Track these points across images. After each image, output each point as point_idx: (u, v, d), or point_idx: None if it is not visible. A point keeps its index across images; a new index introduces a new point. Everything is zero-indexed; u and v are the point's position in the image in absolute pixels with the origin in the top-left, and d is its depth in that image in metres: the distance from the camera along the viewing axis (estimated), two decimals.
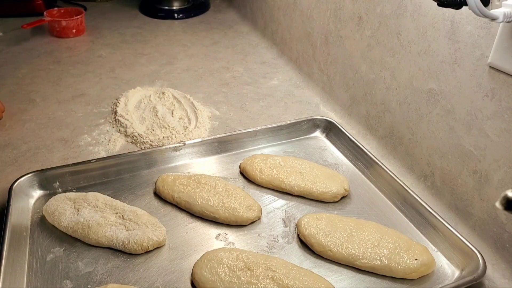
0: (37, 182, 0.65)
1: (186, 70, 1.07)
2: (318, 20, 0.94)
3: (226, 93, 0.97)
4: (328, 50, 0.92)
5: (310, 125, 0.82)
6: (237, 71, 1.07)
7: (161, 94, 0.91)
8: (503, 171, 0.56)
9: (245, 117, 0.88)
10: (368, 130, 0.82)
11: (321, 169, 0.70)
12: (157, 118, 0.84)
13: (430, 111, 0.67)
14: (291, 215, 0.64)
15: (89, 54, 1.14)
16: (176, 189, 0.64)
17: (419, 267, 0.54)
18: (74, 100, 0.92)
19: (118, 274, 0.54)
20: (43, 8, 1.31)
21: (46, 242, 0.58)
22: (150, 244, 0.56)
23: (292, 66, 1.08)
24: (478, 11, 0.45)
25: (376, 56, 0.77)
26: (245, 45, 1.22)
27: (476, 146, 0.60)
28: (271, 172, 0.69)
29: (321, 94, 0.95)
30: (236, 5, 1.47)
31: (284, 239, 0.60)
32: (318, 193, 0.66)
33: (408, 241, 0.57)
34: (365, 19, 0.79)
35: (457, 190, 0.64)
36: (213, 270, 0.52)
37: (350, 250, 0.56)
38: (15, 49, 1.14)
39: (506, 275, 0.56)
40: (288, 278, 0.51)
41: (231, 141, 0.77)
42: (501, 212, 0.57)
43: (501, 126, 0.56)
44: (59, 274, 0.54)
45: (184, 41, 1.23)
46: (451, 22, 0.61)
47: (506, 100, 0.55)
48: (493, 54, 0.55)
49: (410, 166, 0.72)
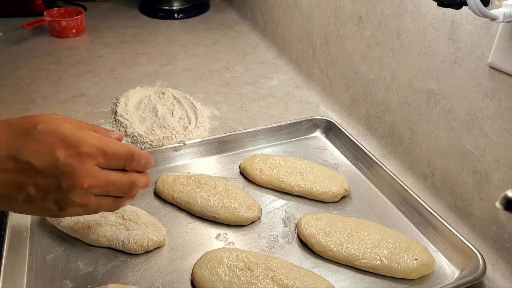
0: None
1: (186, 70, 1.07)
2: (318, 20, 0.94)
3: (226, 93, 0.97)
4: (328, 50, 0.92)
5: (310, 125, 0.82)
6: (237, 71, 1.07)
7: (161, 94, 0.91)
8: (503, 171, 0.56)
9: (245, 117, 0.88)
10: (368, 130, 0.82)
11: (321, 169, 0.70)
12: (157, 118, 0.84)
13: (430, 111, 0.67)
14: (291, 215, 0.64)
15: (89, 54, 1.14)
16: (176, 189, 0.64)
17: (419, 267, 0.54)
18: (74, 100, 0.92)
19: (118, 274, 0.54)
20: (43, 8, 1.31)
21: (46, 242, 0.58)
22: (150, 244, 0.56)
23: (292, 66, 1.08)
24: (478, 11, 0.45)
25: (376, 56, 0.77)
26: (245, 45, 1.22)
27: (476, 146, 0.60)
28: (271, 172, 0.69)
29: (321, 94, 0.95)
30: (236, 5, 1.47)
31: (284, 239, 0.60)
32: (318, 193, 0.66)
33: (408, 241, 0.57)
34: (365, 19, 0.79)
35: (457, 190, 0.64)
36: (213, 270, 0.52)
37: (350, 250, 0.56)
38: (15, 49, 1.14)
39: (506, 275, 0.56)
40: (288, 278, 0.51)
41: (231, 141, 0.77)
42: (501, 212, 0.57)
43: (501, 126, 0.56)
44: (59, 274, 0.54)
45: (184, 41, 1.23)
46: (451, 22, 0.61)
47: (506, 100, 0.55)
48: (493, 54, 0.55)
49: (410, 166, 0.72)
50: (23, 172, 0.42)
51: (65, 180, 0.43)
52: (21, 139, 0.43)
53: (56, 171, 0.43)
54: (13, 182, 0.42)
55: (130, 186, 0.48)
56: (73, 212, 0.47)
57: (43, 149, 0.43)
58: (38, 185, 0.43)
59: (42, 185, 0.43)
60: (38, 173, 0.43)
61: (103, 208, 0.49)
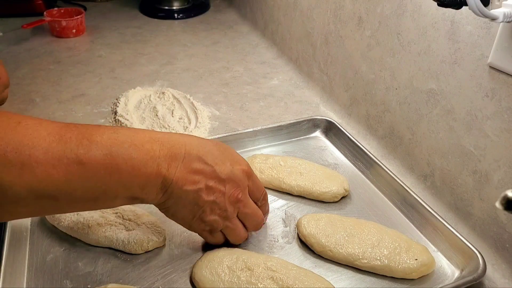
0: None
1: (186, 70, 1.07)
2: (318, 20, 0.94)
3: (226, 93, 0.97)
4: (328, 50, 0.92)
5: (310, 125, 0.82)
6: (237, 71, 1.07)
7: (161, 94, 0.91)
8: (503, 171, 0.56)
9: (245, 117, 0.88)
10: (368, 130, 0.82)
11: (321, 169, 0.70)
12: (157, 118, 0.84)
13: (430, 111, 0.67)
14: (291, 215, 0.64)
15: (89, 54, 1.14)
16: None
17: (419, 267, 0.54)
18: (74, 100, 0.92)
19: (118, 274, 0.54)
20: (43, 8, 1.31)
21: (46, 242, 0.58)
22: (150, 244, 0.56)
23: (292, 66, 1.08)
24: (478, 11, 0.45)
25: (376, 56, 0.77)
26: (245, 45, 1.22)
27: (476, 146, 0.60)
28: (271, 172, 0.69)
29: (321, 94, 0.95)
30: (236, 5, 1.47)
31: (284, 239, 0.60)
32: (318, 193, 0.66)
33: (408, 241, 0.57)
34: (365, 19, 0.79)
35: (457, 190, 0.64)
36: (213, 270, 0.52)
37: (350, 250, 0.56)
38: (15, 49, 1.14)
39: (506, 275, 0.56)
40: (288, 278, 0.51)
41: (231, 141, 0.77)
42: (501, 212, 0.57)
43: (501, 126, 0.56)
44: (59, 274, 0.54)
45: (184, 41, 1.23)
46: (451, 22, 0.61)
47: (506, 100, 0.55)
48: (493, 54, 0.55)
49: (410, 166, 0.72)
50: (204, 173, 0.49)
51: (233, 191, 0.51)
52: (207, 145, 0.50)
53: (228, 179, 0.50)
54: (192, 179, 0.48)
55: (261, 220, 0.57)
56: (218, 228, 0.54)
57: (223, 157, 0.51)
58: (209, 187, 0.49)
59: (212, 188, 0.50)
60: (215, 177, 0.50)
61: (237, 232, 0.55)
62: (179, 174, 0.47)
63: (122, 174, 0.44)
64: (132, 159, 0.44)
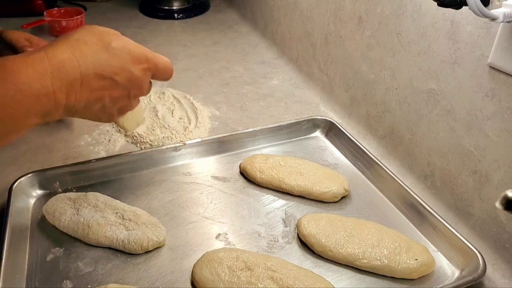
0: (37, 182, 0.65)
1: (186, 70, 1.07)
2: (318, 20, 0.94)
3: (226, 93, 0.97)
4: (328, 50, 0.92)
5: (310, 125, 0.82)
6: (237, 71, 1.07)
7: (161, 94, 0.91)
8: (503, 171, 0.56)
9: (245, 117, 0.88)
10: (368, 130, 0.82)
11: (321, 169, 0.70)
12: (157, 118, 0.84)
13: (430, 111, 0.67)
14: (291, 215, 0.64)
15: None
16: None
17: (419, 267, 0.54)
18: None
19: (118, 274, 0.54)
20: (43, 8, 1.31)
21: (46, 242, 0.58)
22: (150, 244, 0.56)
23: (292, 66, 1.08)
24: (478, 11, 0.45)
25: (376, 56, 0.77)
26: (245, 45, 1.22)
27: (476, 146, 0.60)
28: (271, 172, 0.69)
29: (321, 94, 0.95)
30: (236, 5, 1.47)
31: (284, 239, 0.60)
32: (318, 193, 0.66)
33: (408, 241, 0.57)
34: (365, 19, 0.79)
35: (457, 190, 0.64)
36: (213, 270, 0.52)
37: (350, 250, 0.56)
38: None
39: (506, 275, 0.56)
40: (288, 278, 0.51)
41: (231, 141, 0.77)
42: (501, 212, 0.57)
43: (501, 126, 0.56)
44: (59, 274, 0.54)
45: (184, 41, 1.23)
46: (451, 22, 0.61)
47: (506, 100, 0.55)
48: (493, 54, 0.55)
49: (410, 166, 0.72)
50: (105, 88, 0.49)
51: (135, 90, 0.53)
52: (102, 57, 0.48)
53: (129, 83, 0.51)
54: (94, 97, 0.49)
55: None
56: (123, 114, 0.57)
57: (121, 64, 0.50)
58: (112, 96, 0.51)
59: (116, 96, 0.51)
60: (117, 86, 0.50)
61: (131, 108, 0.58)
62: (80, 97, 0.48)
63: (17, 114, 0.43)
64: (22, 106, 0.43)
